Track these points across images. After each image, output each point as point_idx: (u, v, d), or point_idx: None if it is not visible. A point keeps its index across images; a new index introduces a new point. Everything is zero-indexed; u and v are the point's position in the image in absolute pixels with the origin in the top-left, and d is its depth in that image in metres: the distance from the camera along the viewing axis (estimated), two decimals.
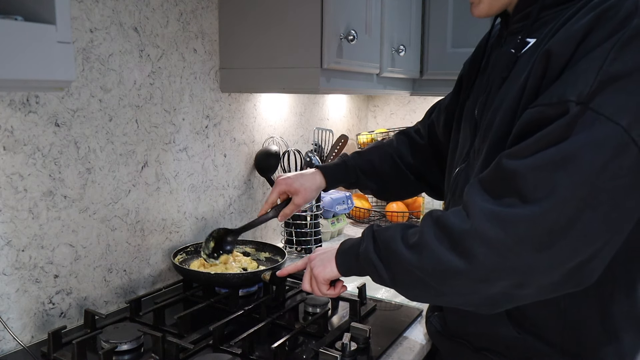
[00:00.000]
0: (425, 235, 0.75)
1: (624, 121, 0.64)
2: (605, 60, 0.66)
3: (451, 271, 0.72)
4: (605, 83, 0.65)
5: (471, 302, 0.76)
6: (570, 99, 0.67)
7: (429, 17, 1.79)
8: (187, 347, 0.95)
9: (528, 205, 0.67)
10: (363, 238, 0.86)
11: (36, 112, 1.00)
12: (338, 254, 0.91)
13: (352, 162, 1.18)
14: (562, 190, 0.65)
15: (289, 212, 1.16)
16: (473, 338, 0.91)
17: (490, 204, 0.70)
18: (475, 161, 0.87)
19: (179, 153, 1.32)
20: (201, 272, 1.20)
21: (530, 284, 0.70)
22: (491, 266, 0.69)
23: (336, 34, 1.26)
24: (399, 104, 2.27)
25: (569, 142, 0.66)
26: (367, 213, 1.99)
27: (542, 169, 0.67)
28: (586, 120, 0.65)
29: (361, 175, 1.18)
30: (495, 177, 0.72)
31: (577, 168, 0.65)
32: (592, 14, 0.70)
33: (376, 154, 1.19)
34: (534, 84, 0.74)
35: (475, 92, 0.94)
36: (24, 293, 1.01)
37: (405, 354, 1.01)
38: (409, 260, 0.76)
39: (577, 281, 0.70)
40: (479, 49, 1.01)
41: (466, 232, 0.70)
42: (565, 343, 0.82)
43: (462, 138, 0.96)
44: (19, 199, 0.98)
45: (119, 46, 1.14)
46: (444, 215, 0.75)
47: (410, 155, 1.19)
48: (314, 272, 0.93)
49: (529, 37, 0.81)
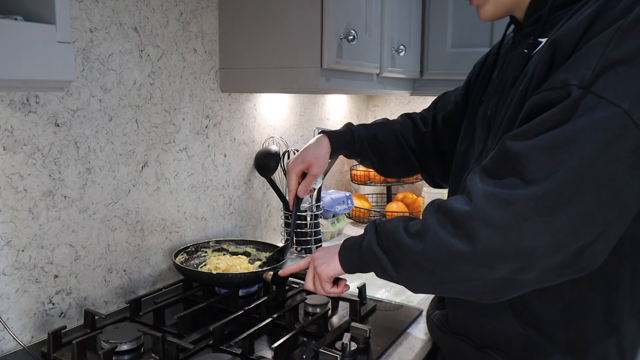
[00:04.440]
0: (427, 221, 0.76)
1: (625, 104, 0.65)
2: (608, 46, 0.67)
3: (455, 255, 0.72)
4: (607, 67, 0.66)
5: (474, 289, 0.76)
6: (572, 83, 0.68)
7: (429, 17, 1.79)
8: (187, 347, 0.95)
9: (529, 186, 0.68)
10: (366, 233, 0.86)
11: (36, 112, 1.00)
12: (341, 251, 0.92)
13: (357, 131, 1.18)
14: (563, 170, 0.66)
15: (307, 184, 1.14)
16: (475, 335, 0.91)
17: (491, 186, 0.71)
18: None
19: (179, 153, 1.32)
20: (202, 272, 1.20)
21: (532, 267, 0.70)
22: (494, 248, 0.69)
23: (336, 34, 1.26)
24: (399, 104, 2.27)
25: (571, 124, 0.67)
26: (367, 213, 1.99)
27: (543, 150, 0.68)
28: (588, 103, 0.66)
29: (366, 145, 1.18)
30: (498, 159, 0.73)
31: (579, 149, 0.66)
32: (595, 5, 0.71)
33: (382, 129, 1.20)
34: (540, 74, 0.75)
35: (488, 96, 0.94)
36: (23, 293, 1.01)
37: (405, 354, 1.01)
38: (413, 249, 0.76)
39: (579, 266, 0.70)
40: (491, 56, 1.02)
41: (468, 214, 0.71)
42: (569, 338, 0.82)
43: (476, 141, 0.96)
44: (19, 199, 0.98)
45: (119, 46, 1.14)
46: (446, 202, 0.75)
47: (412, 139, 1.20)
48: (317, 270, 0.93)
49: (541, 38, 0.82)
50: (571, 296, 0.81)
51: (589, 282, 0.77)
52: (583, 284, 0.78)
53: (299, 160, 1.13)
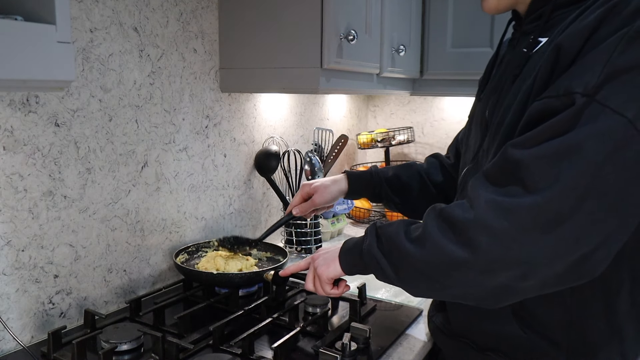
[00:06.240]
0: (428, 227, 0.75)
1: (629, 113, 0.64)
2: (613, 53, 0.66)
3: (455, 262, 0.71)
4: (611, 75, 0.65)
5: (475, 295, 0.76)
6: (576, 90, 0.67)
7: (429, 17, 1.79)
8: (187, 347, 0.95)
9: (531, 195, 0.67)
10: (366, 235, 0.86)
11: (36, 112, 1.00)
12: (341, 252, 0.91)
13: (379, 173, 1.20)
14: (566, 179, 0.66)
15: (306, 208, 1.17)
16: (477, 338, 0.91)
17: (493, 194, 0.70)
18: (483, 160, 0.87)
19: (179, 153, 1.32)
20: (203, 272, 1.20)
21: (533, 275, 0.69)
22: (495, 256, 0.69)
23: (336, 33, 1.26)
24: (399, 104, 2.27)
25: (574, 133, 0.66)
26: (367, 213, 1.99)
27: (546, 159, 0.67)
28: (592, 112, 0.65)
29: (386, 186, 1.18)
30: (500, 167, 0.73)
31: (581, 158, 0.65)
32: (601, 9, 0.70)
33: (404, 170, 1.21)
34: (543, 78, 0.74)
35: (487, 93, 0.94)
36: (23, 293, 1.01)
37: (405, 354, 1.01)
38: (413, 254, 0.76)
39: (580, 274, 0.70)
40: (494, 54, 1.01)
41: (469, 222, 0.70)
42: (571, 342, 0.82)
43: (473, 139, 0.96)
44: (19, 199, 0.98)
45: (119, 46, 1.14)
46: (447, 208, 0.75)
47: (440, 174, 1.20)
48: (317, 272, 0.94)
49: (541, 37, 0.81)
50: (573, 300, 0.81)
51: (590, 286, 0.76)
52: (584, 289, 0.78)
53: (311, 182, 1.18)
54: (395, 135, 2.10)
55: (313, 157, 1.58)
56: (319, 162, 1.60)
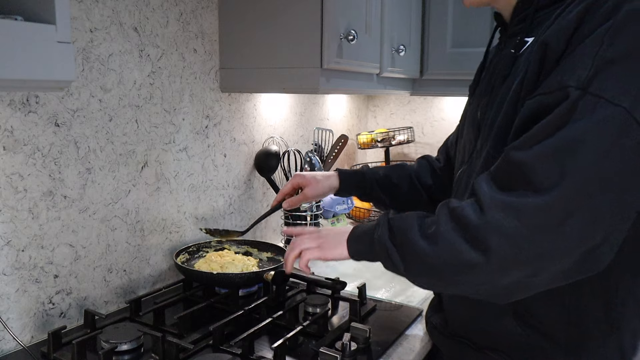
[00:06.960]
0: (441, 226, 0.76)
1: (625, 103, 0.65)
2: (601, 45, 0.67)
3: (468, 264, 0.72)
4: (602, 67, 0.66)
5: (487, 292, 0.76)
6: (569, 84, 0.68)
7: (429, 17, 1.79)
8: (187, 347, 0.95)
9: (539, 195, 0.68)
10: (378, 224, 0.86)
11: (36, 112, 1.00)
12: (350, 238, 0.91)
13: (370, 172, 1.20)
14: (571, 175, 0.66)
15: (295, 201, 1.17)
16: (475, 337, 0.91)
17: (502, 196, 0.71)
18: (477, 161, 0.88)
19: (179, 153, 1.32)
20: (203, 272, 1.20)
21: (543, 271, 0.70)
22: (508, 257, 0.69)
23: (336, 33, 1.26)
24: (399, 104, 2.27)
25: (572, 127, 0.66)
26: (367, 213, 1.99)
27: (548, 157, 0.68)
28: (587, 104, 0.66)
29: (376, 186, 1.19)
30: (504, 170, 0.73)
31: (583, 152, 0.66)
32: (583, 4, 0.71)
33: (395, 171, 1.21)
34: (532, 76, 0.75)
35: (478, 96, 0.95)
36: (23, 293, 1.01)
37: (405, 354, 1.01)
38: (425, 251, 0.76)
39: (588, 267, 0.71)
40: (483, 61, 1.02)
41: (482, 225, 0.71)
42: (569, 338, 0.83)
43: (466, 141, 0.96)
44: (19, 199, 0.98)
45: (119, 46, 1.14)
46: (459, 207, 0.75)
47: (429, 177, 1.21)
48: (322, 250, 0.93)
49: (527, 37, 0.82)
50: (571, 297, 0.81)
51: (589, 283, 0.77)
52: (582, 285, 0.78)
53: (303, 174, 1.17)
54: (395, 135, 2.10)
55: (313, 157, 1.58)
56: (319, 162, 1.60)
